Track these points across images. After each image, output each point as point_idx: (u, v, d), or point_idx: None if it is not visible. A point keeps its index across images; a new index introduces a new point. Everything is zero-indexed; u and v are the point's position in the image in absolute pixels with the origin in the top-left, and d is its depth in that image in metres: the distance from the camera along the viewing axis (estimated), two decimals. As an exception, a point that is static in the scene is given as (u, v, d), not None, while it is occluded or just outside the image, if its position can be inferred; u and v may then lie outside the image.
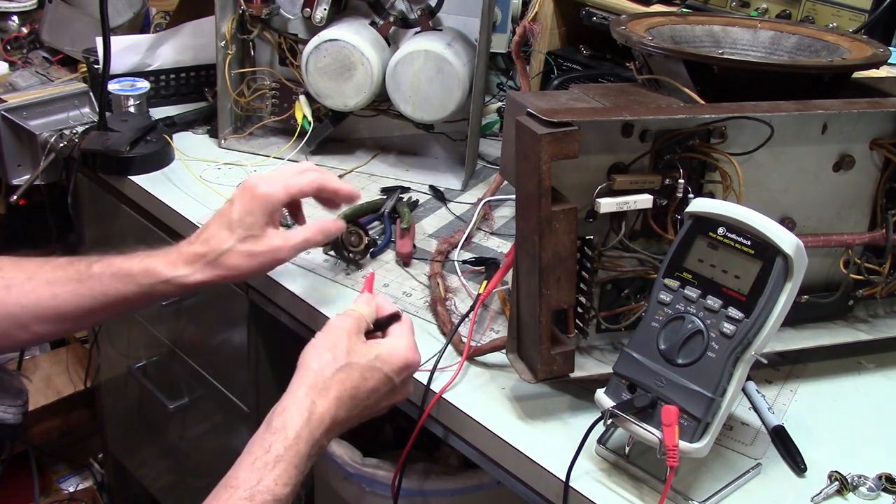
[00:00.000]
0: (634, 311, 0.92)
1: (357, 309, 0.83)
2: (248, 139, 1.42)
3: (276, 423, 0.73)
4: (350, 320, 0.81)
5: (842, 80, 0.96)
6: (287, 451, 0.71)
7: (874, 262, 0.97)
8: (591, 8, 1.37)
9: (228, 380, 1.33)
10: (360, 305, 0.84)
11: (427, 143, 1.45)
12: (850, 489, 0.81)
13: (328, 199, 1.00)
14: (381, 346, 0.81)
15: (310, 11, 1.32)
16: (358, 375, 0.77)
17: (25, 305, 0.88)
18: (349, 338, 0.79)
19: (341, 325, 0.80)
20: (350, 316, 0.82)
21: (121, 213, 1.37)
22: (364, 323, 0.82)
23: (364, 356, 0.78)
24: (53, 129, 1.40)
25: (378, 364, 0.79)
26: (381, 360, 0.79)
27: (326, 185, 0.97)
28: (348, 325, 0.80)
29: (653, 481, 0.79)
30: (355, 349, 0.78)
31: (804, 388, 0.95)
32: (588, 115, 0.81)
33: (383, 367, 0.79)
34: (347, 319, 0.81)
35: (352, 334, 0.79)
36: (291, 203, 0.99)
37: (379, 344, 0.81)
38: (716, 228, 0.76)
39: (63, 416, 1.97)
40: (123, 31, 1.62)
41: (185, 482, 1.60)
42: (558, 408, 0.89)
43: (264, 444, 0.71)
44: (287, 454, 0.71)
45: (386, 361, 0.79)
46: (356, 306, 0.84)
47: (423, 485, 1.14)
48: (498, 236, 1.22)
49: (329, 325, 0.81)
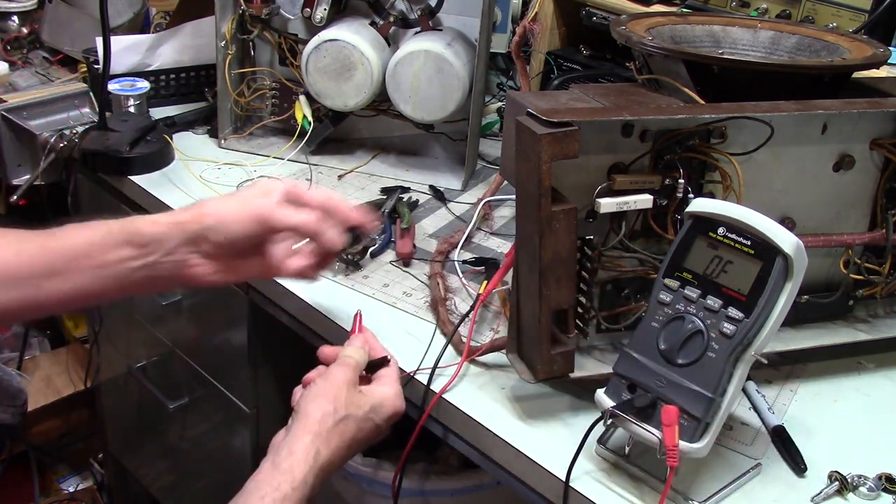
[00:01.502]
0: (634, 311, 0.92)
1: (353, 356, 0.85)
2: (248, 139, 1.42)
3: (284, 465, 0.76)
4: (349, 372, 0.83)
5: (842, 80, 0.96)
6: (294, 493, 0.74)
7: (874, 262, 0.97)
8: (591, 8, 1.37)
9: (228, 380, 1.33)
10: (354, 350, 0.86)
11: (427, 143, 1.45)
12: (850, 489, 0.81)
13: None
14: (373, 396, 0.84)
15: (310, 11, 1.33)
16: (354, 427, 0.81)
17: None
18: (347, 389, 0.82)
19: (340, 377, 0.83)
20: (347, 366, 0.84)
21: (121, 213, 1.36)
22: (358, 371, 0.85)
23: (360, 408, 0.82)
24: (53, 129, 1.40)
25: (371, 416, 0.82)
26: (374, 411, 0.83)
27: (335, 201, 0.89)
28: (347, 378, 0.83)
29: (653, 481, 0.79)
30: (352, 401, 0.81)
31: (804, 388, 0.95)
32: (588, 115, 0.81)
33: (376, 418, 0.83)
34: (346, 371, 0.83)
35: (350, 386, 0.82)
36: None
37: (371, 394, 0.84)
38: (716, 228, 0.76)
39: (63, 416, 1.97)
40: (123, 31, 1.62)
41: (185, 482, 1.60)
42: (558, 408, 0.89)
43: (273, 482, 0.75)
44: (294, 495, 0.74)
45: (377, 412, 0.83)
46: (351, 352, 0.86)
47: (423, 485, 1.14)
48: (498, 236, 1.22)
49: (329, 375, 0.83)
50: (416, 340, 0.98)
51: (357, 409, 0.81)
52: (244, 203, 0.83)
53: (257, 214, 0.82)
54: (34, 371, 1.97)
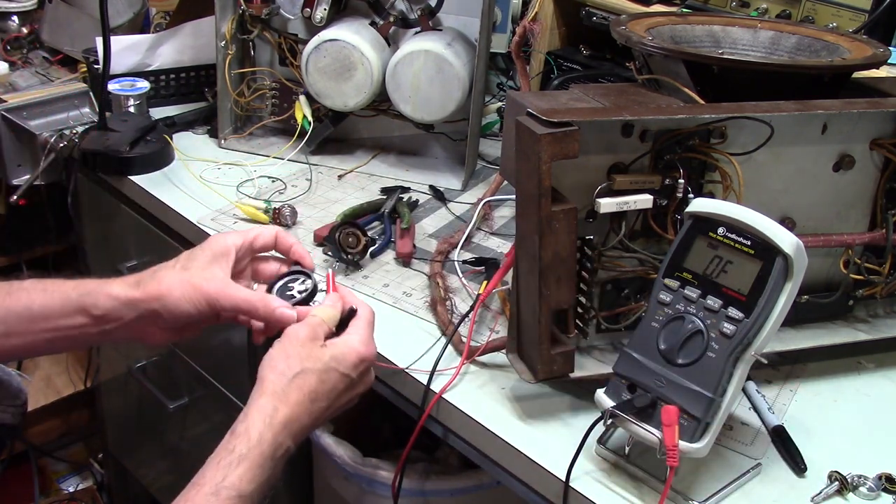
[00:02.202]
0: (634, 311, 0.92)
1: (318, 314, 0.84)
2: (248, 139, 1.42)
3: (239, 428, 0.75)
4: (305, 328, 0.82)
5: (842, 80, 0.96)
6: (250, 452, 0.73)
7: (874, 262, 0.97)
8: (591, 8, 1.37)
9: (228, 380, 1.33)
10: (322, 309, 0.85)
11: (427, 143, 1.45)
12: (850, 489, 0.81)
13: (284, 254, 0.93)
14: (335, 346, 0.82)
15: (310, 11, 1.33)
16: (315, 379, 0.79)
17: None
18: (303, 345, 0.81)
19: (294, 334, 0.82)
20: (305, 324, 0.83)
21: (121, 213, 1.37)
22: (323, 328, 0.83)
23: (318, 360, 0.80)
24: (53, 129, 1.40)
25: (333, 364, 0.81)
26: (336, 360, 0.81)
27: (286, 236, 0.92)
28: (302, 333, 0.82)
29: (653, 481, 0.79)
30: (311, 354, 0.80)
31: (804, 388, 0.95)
32: (588, 115, 0.81)
33: (338, 366, 0.81)
34: (303, 328, 0.82)
35: (306, 342, 0.81)
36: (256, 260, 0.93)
37: (333, 345, 0.82)
38: (716, 228, 0.76)
39: (63, 416, 1.97)
40: (123, 31, 1.62)
41: (185, 482, 1.59)
42: (558, 408, 0.89)
43: (228, 446, 0.74)
44: (250, 454, 0.73)
45: (340, 361, 0.81)
46: (317, 310, 0.85)
47: (423, 485, 1.14)
48: (498, 236, 1.22)
49: (285, 335, 0.83)
50: (416, 340, 0.98)
51: (315, 361, 0.80)
52: (192, 282, 0.84)
53: (205, 297, 0.83)
54: (34, 371, 1.97)
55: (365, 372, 0.83)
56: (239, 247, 0.88)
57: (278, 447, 0.75)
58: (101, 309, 0.84)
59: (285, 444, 0.76)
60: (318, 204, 1.26)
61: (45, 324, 0.85)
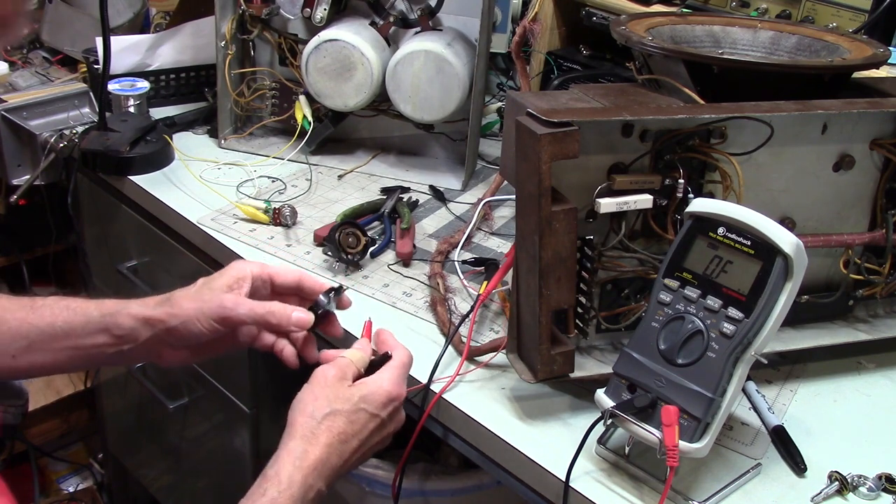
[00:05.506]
0: (634, 311, 0.92)
1: (347, 355, 0.85)
2: (248, 139, 1.42)
3: (269, 472, 0.76)
4: (333, 369, 0.83)
5: (842, 80, 0.96)
6: (281, 495, 0.74)
7: (874, 262, 0.97)
8: (591, 8, 1.37)
9: (228, 380, 1.33)
10: (351, 351, 0.86)
11: (427, 143, 1.45)
12: (850, 489, 0.81)
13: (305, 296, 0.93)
14: (365, 385, 0.83)
15: (310, 11, 1.33)
16: (344, 420, 0.80)
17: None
18: (331, 386, 0.81)
19: (322, 375, 0.83)
20: (333, 365, 0.84)
21: (121, 213, 1.37)
22: (351, 369, 0.84)
23: (347, 400, 0.81)
24: (53, 129, 1.39)
25: (362, 405, 0.81)
26: (365, 401, 0.81)
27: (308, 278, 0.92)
28: (330, 374, 0.82)
29: (653, 481, 0.79)
30: (339, 395, 0.81)
31: (804, 388, 0.95)
32: (588, 115, 0.81)
33: (367, 407, 0.81)
34: (329, 369, 0.83)
35: (334, 382, 0.82)
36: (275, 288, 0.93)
37: (363, 384, 0.83)
38: (716, 228, 0.76)
39: (63, 416, 1.97)
40: (123, 31, 1.62)
41: (185, 482, 1.60)
42: (558, 408, 0.89)
43: (259, 489, 0.75)
44: (281, 497, 0.74)
45: (369, 401, 0.82)
46: (346, 352, 0.86)
47: (423, 485, 1.14)
48: (498, 236, 1.22)
49: (313, 376, 0.83)
50: (416, 341, 0.98)
51: (344, 402, 0.80)
52: (208, 302, 0.85)
53: (220, 316, 0.84)
54: (34, 371, 1.97)
55: (395, 412, 0.84)
56: (257, 275, 0.89)
57: (309, 489, 0.76)
58: (122, 329, 0.86)
59: (316, 486, 0.77)
60: (318, 204, 1.26)
61: (66, 341, 0.87)
